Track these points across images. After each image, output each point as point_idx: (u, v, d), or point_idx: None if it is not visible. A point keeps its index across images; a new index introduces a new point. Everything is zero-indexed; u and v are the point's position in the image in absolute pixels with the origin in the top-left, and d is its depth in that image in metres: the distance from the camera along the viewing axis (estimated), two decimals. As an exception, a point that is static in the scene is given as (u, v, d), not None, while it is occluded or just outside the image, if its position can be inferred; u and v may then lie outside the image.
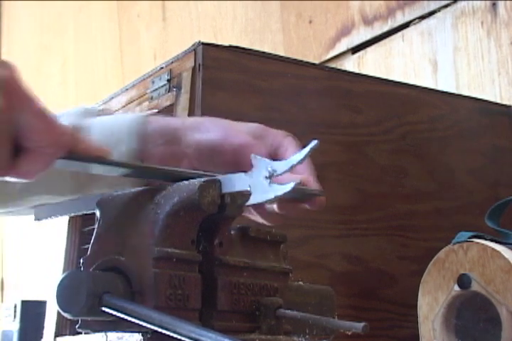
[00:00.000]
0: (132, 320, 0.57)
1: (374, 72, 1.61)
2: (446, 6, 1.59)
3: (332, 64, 1.81)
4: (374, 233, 1.17)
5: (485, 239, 1.00)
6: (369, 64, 1.74)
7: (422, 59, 1.63)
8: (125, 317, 0.57)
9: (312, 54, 1.86)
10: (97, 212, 0.64)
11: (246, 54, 1.12)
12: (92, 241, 0.63)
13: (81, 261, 0.62)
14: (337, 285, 1.00)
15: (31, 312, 1.61)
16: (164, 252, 0.59)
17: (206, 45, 1.09)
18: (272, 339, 0.65)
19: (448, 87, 1.53)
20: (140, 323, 0.56)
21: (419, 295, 1.05)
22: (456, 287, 1.00)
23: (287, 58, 1.21)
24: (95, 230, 0.63)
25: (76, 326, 0.61)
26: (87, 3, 2.86)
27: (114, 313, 0.57)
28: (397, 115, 1.24)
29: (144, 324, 0.56)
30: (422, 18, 1.63)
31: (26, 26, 3.27)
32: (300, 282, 0.73)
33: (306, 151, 0.62)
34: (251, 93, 1.11)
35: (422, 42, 1.63)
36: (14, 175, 0.59)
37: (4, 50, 3.41)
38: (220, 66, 1.09)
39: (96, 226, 0.64)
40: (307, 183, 0.70)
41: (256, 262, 0.66)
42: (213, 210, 0.62)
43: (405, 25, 1.67)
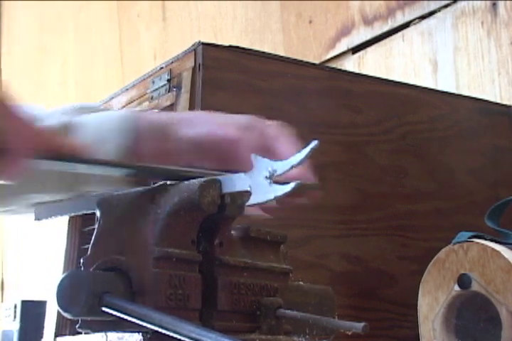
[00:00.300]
0: (132, 320, 0.57)
1: (374, 72, 1.61)
2: (446, 6, 1.59)
3: (332, 64, 1.80)
4: (374, 233, 1.17)
5: (485, 239, 1.00)
6: (369, 64, 1.74)
7: (422, 59, 1.63)
8: (125, 317, 0.57)
9: (312, 54, 1.86)
10: (97, 212, 0.64)
11: (246, 54, 1.13)
12: (92, 241, 0.63)
13: (81, 261, 0.62)
14: (337, 285, 1.00)
15: (31, 312, 1.61)
16: (164, 252, 0.59)
17: (206, 45, 1.09)
18: (272, 339, 0.65)
19: (448, 87, 1.53)
20: (140, 323, 0.56)
21: (419, 295, 1.05)
22: (456, 287, 1.00)
23: (287, 58, 1.21)
24: (95, 230, 0.63)
25: (76, 326, 0.61)
26: (87, 3, 2.86)
27: (114, 313, 0.57)
28: (397, 115, 1.24)
29: (144, 324, 0.56)
30: (422, 18, 1.63)
31: (26, 26, 3.27)
32: (300, 282, 0.73)
33: (307, 151, 0.62)
34: (251, 93, 1.11)
35: (422, 42, 1.63)
36: None
37: (4, 50, 3.40)
38: (220, 66, 1.09)
39: (96, 226, 0.64)
40: (303, 176, 0.70)
41: (256, 262, 0.66)
42: (213, 210, 0.62)
43: (405, 25, 1.67)
